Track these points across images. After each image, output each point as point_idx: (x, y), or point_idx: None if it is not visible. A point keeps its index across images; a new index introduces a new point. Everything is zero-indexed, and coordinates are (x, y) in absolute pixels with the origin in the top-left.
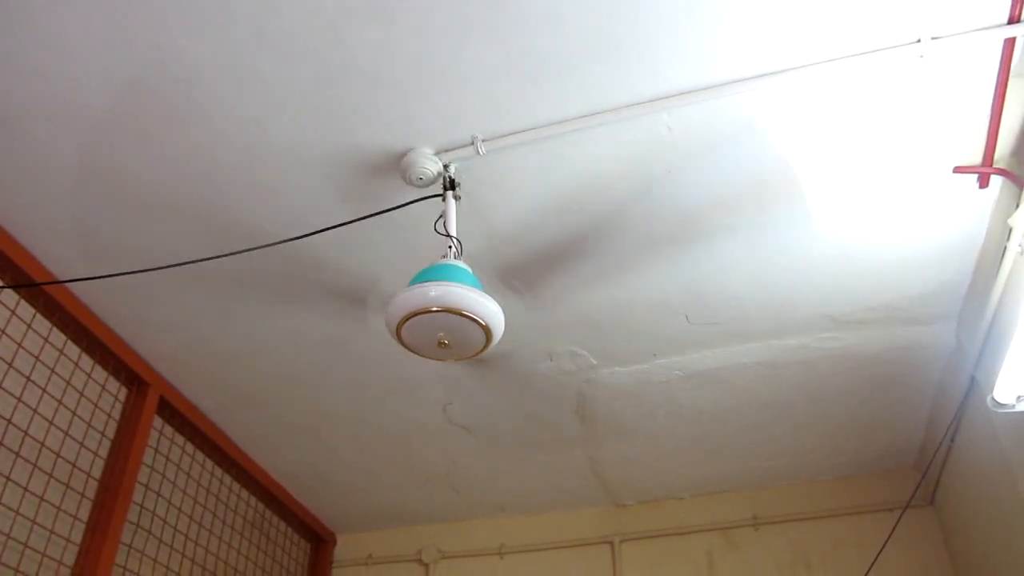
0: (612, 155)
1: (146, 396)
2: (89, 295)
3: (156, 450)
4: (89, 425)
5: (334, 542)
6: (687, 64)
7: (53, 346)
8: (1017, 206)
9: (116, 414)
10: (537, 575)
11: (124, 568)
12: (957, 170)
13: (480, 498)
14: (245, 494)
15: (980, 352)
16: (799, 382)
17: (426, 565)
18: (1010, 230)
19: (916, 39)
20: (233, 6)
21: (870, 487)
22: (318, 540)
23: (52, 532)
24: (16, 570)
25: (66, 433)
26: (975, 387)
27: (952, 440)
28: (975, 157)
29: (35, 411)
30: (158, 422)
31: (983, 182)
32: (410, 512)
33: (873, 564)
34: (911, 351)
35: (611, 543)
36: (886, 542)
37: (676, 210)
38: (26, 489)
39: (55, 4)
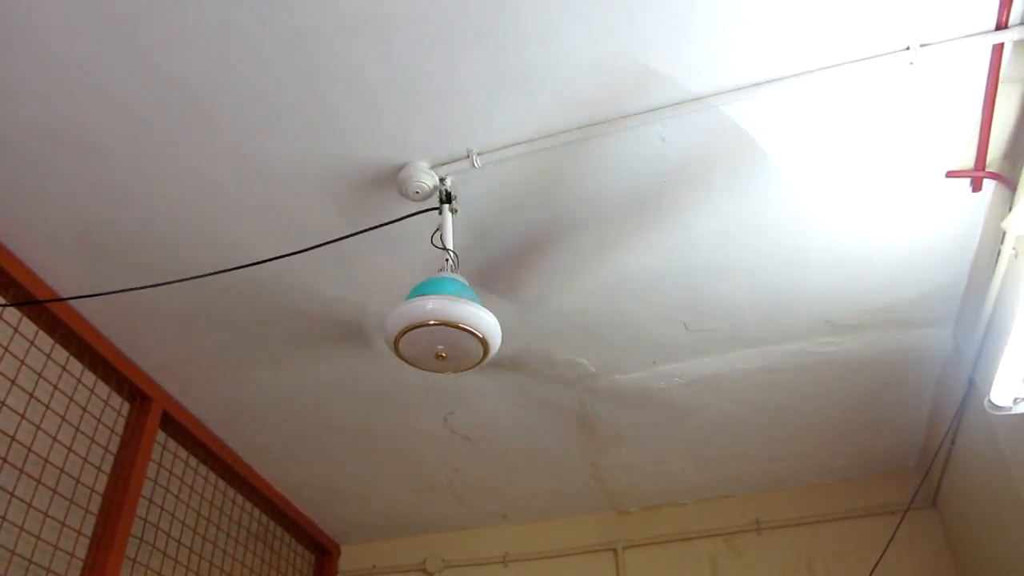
0: (607, 166)
1: (149, 411)
2: (91, 311)
3: (159, 464)
4: (92, 440)
5: (338, 553)
6: (679, 75)
7: (56, 363)
8: (1010, 209)
9: (119, 429)
10: None
11: None
12: (950, 175)
13: (483, 507)
14: (249, 506)
15: (977, 354)
16: (798, 387)
17: (430, 575)
18: (1004, 234)
19: (905, 46)
20: (230, 26)
21: (872, 490)
22: (322, 551)
23: (57, 548)
24: None
25: (69, 449)
26: (973, 389)
27: (952, 442)
28: (967, 162)
29: (39, 427)
30: (161, 436)
31: (976, 186)
32: (413, 522)
33: (876, 567)
34: (909, 354)
35: (614, 550)
36: (888, 544)
37: (672, 219)
38: (30, 505)
39: (56, 26)
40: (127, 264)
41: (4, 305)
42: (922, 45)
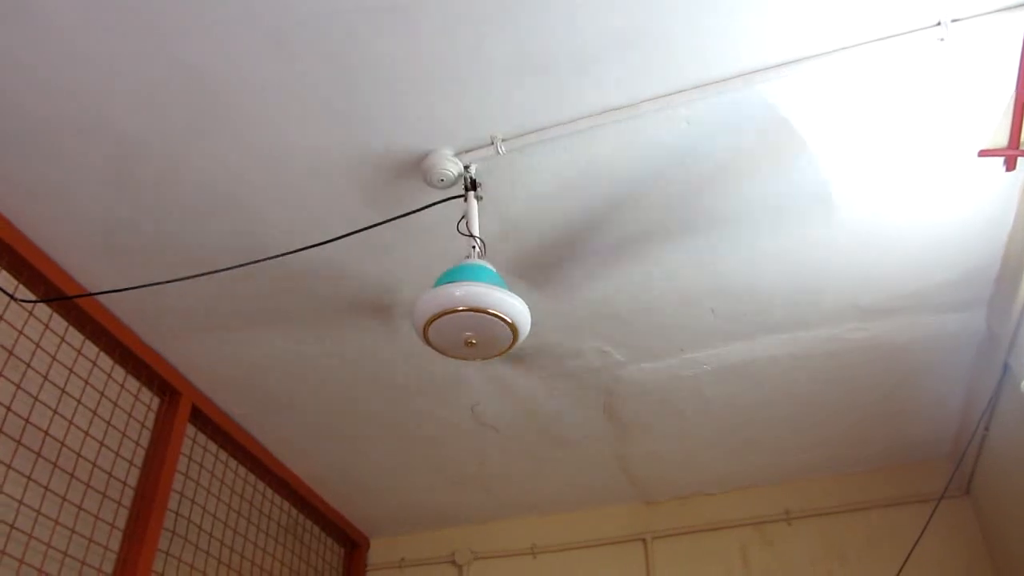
0: (632, 150)
1: (178, 405)
2: (119, 307)
3: (190, 458)
4: (124, 435)
5: (367, 546)
6: (704, 56)
7: (86, 358)
8: None
9: (149, 423)
10: (570, 573)
11: (162, 575)
12: (982, 154)
13: (511, 498)
14: (278, 499)
15: (1012, 338)
16: (828, 373)
17: (459, 566)
18: None
19: (936, 22)
20: (253, 16)
21: (904, 478)
22: (351, 544)
23: (91, 540)
24: None
25: (101, 443)
26: (1008, 374)
27: (986, 428)
28: (1000, 140)
29: (71, 422)
30: (191, 430)
31: (1010, 165)
32: (442, 514)
33: (909, 556)
34: (941, 339)
35: (643, 540)
36: (921, 534)
37: (699, 203)
38: (64, 499)
39: (79, 22)
40: (155, 258)
41: (35, 301)
42: (953, 20)
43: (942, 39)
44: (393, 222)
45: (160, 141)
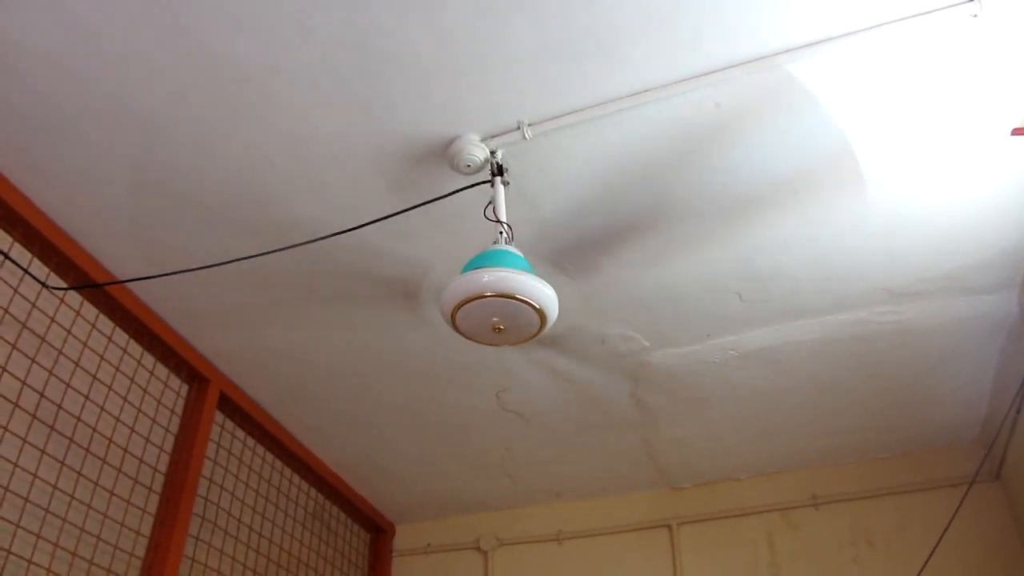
0: (660, 134)
1: (207, 392)
2: (149, 294)
3: (218, 444)
4: (154, 421)
5: (393, 532)
6: (732, 37)
7: (116, 345)
8: None
9: (179, 410)
10: (595, 560)
11: (192, 559)
12: (1015, 132)
13: (536, 484)
14: (305, 486)
15: None
16: (856, 358)
17: (484, 552)
18: None
19: None
20: (278, 2)
21: (933, 463)
22: (378, 530)
23: (123, 525)
24: (91, 562)
25: (132, 429)
26: None
27: (1017, 412)
28: None
29: (102, 408)
30: (219, 417)
31: None
32: (467, 500)
33: (939, 541)
34: (972, 321)
35: (669, 526)
36: (952, 519)
37: (727, 187)
38: (96, 484)
39: (109, 10)
40: (182, 246)
41: (65, 289)
42: None
43: (975, 15)
44: (420, 208)
45: (187, 128)
